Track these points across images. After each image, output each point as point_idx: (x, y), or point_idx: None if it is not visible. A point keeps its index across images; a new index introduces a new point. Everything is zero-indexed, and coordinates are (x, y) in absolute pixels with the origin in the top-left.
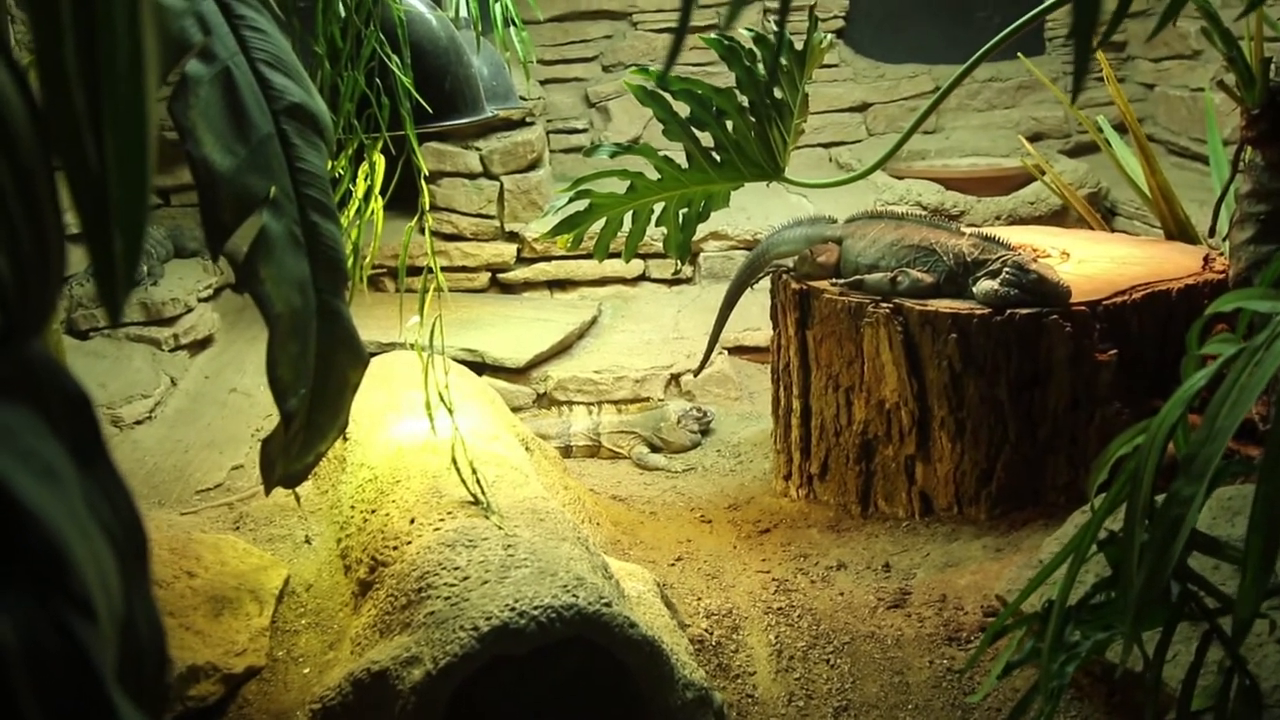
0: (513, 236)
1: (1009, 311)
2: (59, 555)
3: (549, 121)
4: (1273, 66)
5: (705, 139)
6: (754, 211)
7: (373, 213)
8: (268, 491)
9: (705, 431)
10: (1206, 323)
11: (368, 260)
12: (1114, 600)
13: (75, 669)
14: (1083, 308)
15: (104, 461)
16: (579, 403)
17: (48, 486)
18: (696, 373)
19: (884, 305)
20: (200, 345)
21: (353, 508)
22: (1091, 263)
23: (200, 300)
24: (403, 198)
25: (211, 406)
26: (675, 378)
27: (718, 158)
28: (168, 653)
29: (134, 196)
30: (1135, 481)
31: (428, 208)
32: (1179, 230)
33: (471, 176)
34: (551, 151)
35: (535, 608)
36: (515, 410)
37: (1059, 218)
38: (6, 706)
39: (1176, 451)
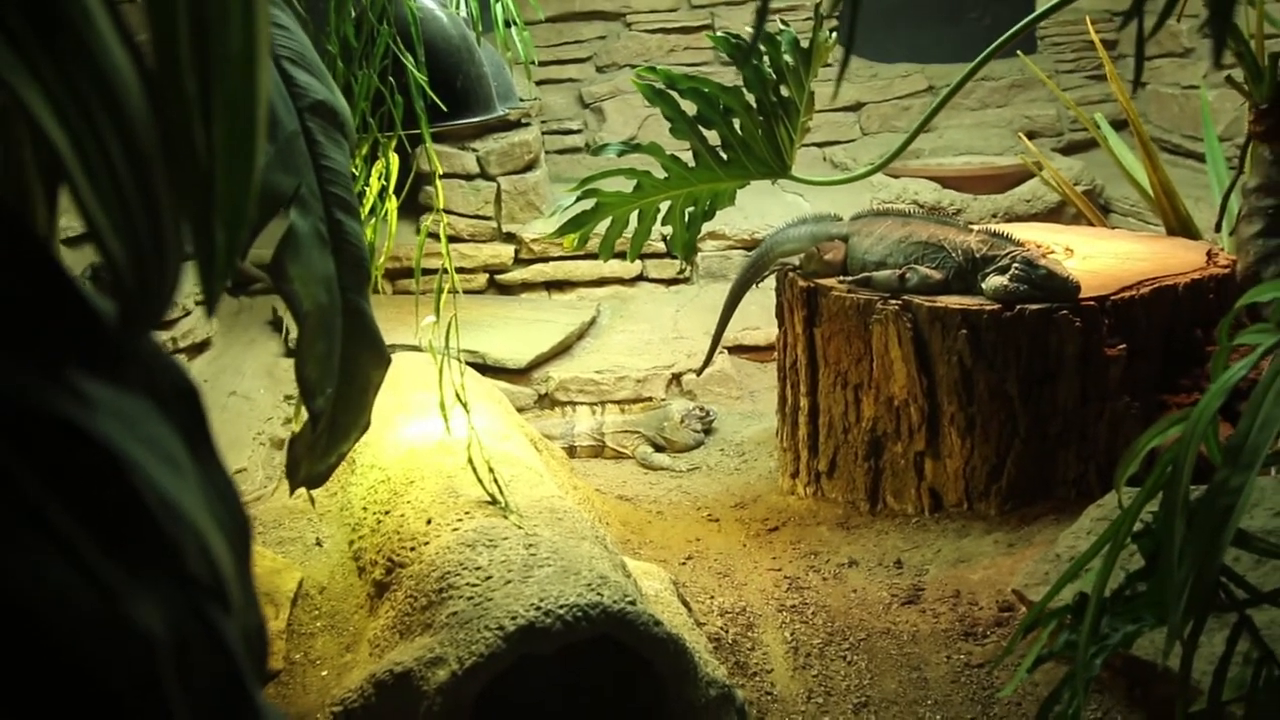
0: (510, 237)
1: (1018, 307)
2: (196, 545)
3: (543, 122)
4: None
5: (711, 138)
6: (751, 211)
7: (386, 212)
8: (292, 491)
9: (708, 430)
10: (1235, 317)
11: (382, 260)
12: (1147, 592)
13: (219, 662)
14: (1091, 303)
15: (211, 453)
16: (581, 403)
17: (173, 475)
18: (700, 371)
19: (893, 302)
20: (198, 349)
21: (365, 509)
22: (1096, 258)
23: (198, 303)
24: (402, 199)
25: (211, 410)
26: (676, 377)
27: (725, 156)
28: (268, 644)
29: (239, 188)
30: (1175, 472)
31: (441, 207)
32: (1180, 226)
33: (469, 177)
34: (546, 152)
35: (561, 606)
36: (518, 411)
37: (1055, 215)
38: (153, 699)
39: (1208, 450)
